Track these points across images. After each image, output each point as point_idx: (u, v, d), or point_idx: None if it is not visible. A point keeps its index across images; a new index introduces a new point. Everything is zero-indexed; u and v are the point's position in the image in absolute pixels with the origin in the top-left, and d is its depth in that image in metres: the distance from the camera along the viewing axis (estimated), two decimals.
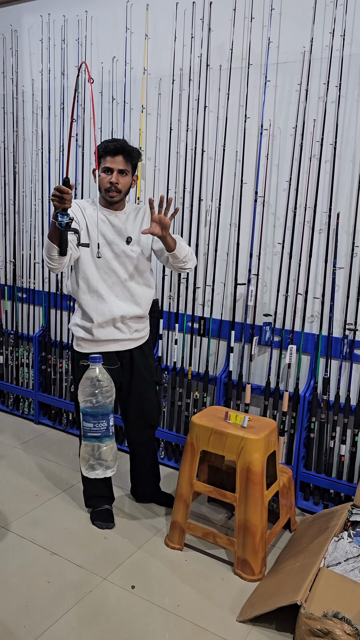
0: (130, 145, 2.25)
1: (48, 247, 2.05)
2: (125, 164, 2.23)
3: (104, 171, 2.23)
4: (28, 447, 3.24)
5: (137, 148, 2.32)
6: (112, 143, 2.21)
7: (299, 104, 2.54)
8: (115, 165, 2.20)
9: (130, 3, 2.92)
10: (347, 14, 2.37)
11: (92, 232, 2.24)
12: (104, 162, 2.22)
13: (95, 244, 2.23)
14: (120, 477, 2.84)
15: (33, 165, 3.45)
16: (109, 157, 2.20)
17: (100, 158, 2.24)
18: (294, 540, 2.39)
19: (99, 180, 2.26)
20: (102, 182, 2.24)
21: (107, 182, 2.22)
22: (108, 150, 2.20)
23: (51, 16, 3.22)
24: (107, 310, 2.27)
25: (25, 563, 2.21)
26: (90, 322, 2.29)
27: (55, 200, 1.85)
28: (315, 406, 2.62)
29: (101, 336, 2.30)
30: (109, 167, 2.21)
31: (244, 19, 2.62)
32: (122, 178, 2.23)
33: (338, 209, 2.51)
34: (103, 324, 2.29)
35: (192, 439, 2.27)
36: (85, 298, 2.28)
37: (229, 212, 2.80)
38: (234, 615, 1.97)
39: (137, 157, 2.28)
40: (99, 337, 2.30)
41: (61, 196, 1.83)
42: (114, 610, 1.98)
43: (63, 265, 2.15)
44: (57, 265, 2.12)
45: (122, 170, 2.22)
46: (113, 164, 2.20)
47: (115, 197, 2.24)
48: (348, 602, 1.80)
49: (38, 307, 3.58)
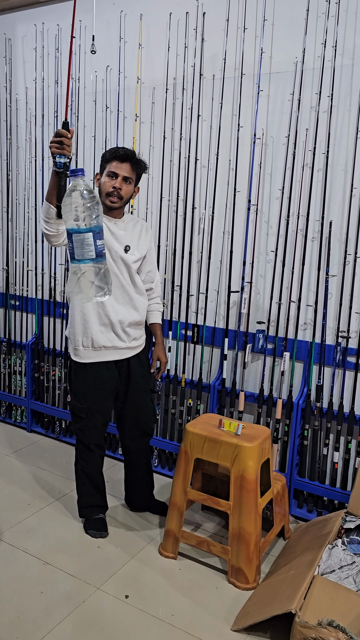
0: (139, 157, 2.26)
1: (45, 209, 1.97)
2: (131, 172, 2.23)
3: (108, 175, 2.22)
4: (21, 456, 3.22)
5: (145, 161, 2.31)
6: (122, 149, 2.22)
7: (292, 114, 2.56)
8: (121, 171, 2.21)
9: (124, 13, 2.94)
10: (339, 26, 2.40)
11: None
12: (109, 167, 2.22)
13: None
14: (114, 485, 2.83)
15: (26, 173, 3.46)
16: (116, 162, 2.21)
17: (106, 162, 2.24)
18: (287, 548, 2.38)
19: (101, 184, 2.25)
20: (105, 186, 2.23)
21: (110, 187, 2.21)
22: (117, 155, 2.20)
23: (45, 25, 3.24)
24: (106, 315, 2.27)
25: (18, 573, 2.19)
26: (90, 328, 2.28)
27: (54, 145, 1.78)
28: (309, 413, 2.62)
29: (101, 342, 2.29)
30: (114, 172, 2.21)
31: (236, 29, 2.64)
32: (126, 185, 2.23)
33: (330, 217, 2.53)
34: (102, 328, 2.28)
35: (185, 446, 2.27)
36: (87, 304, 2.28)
37: (222, 220, 2.81)
38: (229, 625, 1.97)
39: (144, 168, 2.30)
40: (99, 343, 2.29)
41: (60, 140, 1.77)
42: (108, 620, 1.96)
43: (59, 234, 2.03)
44: (54, 232, 2.02)
45: (127, 178, 2.22)
46: (119, 169, 2.21)
47: (116, 202, 2.24)
48: (342, 610, 1.80)
49: (31, 314, 3.58)
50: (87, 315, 2.27)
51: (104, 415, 2.41)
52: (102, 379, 2.35)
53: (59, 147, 1.78)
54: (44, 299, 3.47)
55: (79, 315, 2.30)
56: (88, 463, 2.45)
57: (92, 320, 2.27)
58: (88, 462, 2.45)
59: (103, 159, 2.27)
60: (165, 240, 2.97)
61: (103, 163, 2.27)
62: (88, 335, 2.29)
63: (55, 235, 2.04)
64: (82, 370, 2.35)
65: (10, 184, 3.53)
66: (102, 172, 2.26)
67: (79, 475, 2.48)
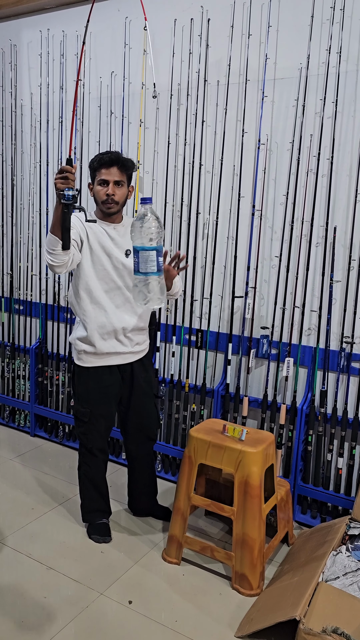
0: (124, 156, 2.27)
1: (52, 242, 2.03)
2: (121, 175, 2.24)
3: (100, 184, 2.24)
4: (24, 460, 3.22)
5: (131, 159, 2.33)
6: (107, 155, 2.23)
7: (296, 119, 2.57)
8: (111, 177, 2.22)
9: (129, 19, 2.95)
10: (343, 32, 2.41)
11: (92, 240, 2.24)
12: (99, 175, 2.23)
13: (96, 256, 2.24)
14: (117, 490, 2.83)
15: (31, 178, 3.47)
16: (104, 169, 2.22)
17: (94, 171, 2.26)
18: (292, 554, 2.37)
19: (95, 193, 2.27)
20: (99, 195, 2.25)
21: (104, 195, 2.23)
22: (103, 162, 2.21)
23: (50, 31, 3.25)
24: (109, 322, 2.27)
25: (21, 578, 2.19)
26: (92, 334, 2.28)
27: (59, 181, 1.87)
28: (313, 419, 2.62)
29: (103, 348, 2.30)
30: (104, 180, 2.22)
31: (241, 35, 2.65)
32: (119, 189, 2.25)
33: (335, 222, 2.53)
34: (105, 335, 2.29)
35: (189, 452, 2.27)
36: (87, 309, 2.28)
37: (226, 225, 2.81)
38: (232, 631, 1.96)
39: (132, 167, 2.30)
40: (102, 350, 2.30)
41: (65, 175, 1.86)
42: (111, 625, 1.96)
43: (65, 264, 2.11)
44: (59, 262, 2.08)
45: (118, 182, 2.24)
46: (108, 175, 2.22)
47: (113, 208, 2.25)
48: (347, 617, 1.79)
49: (35, 319, 3.58)
50: (90, 324, 2.28)
51: (107, 420, 2.41)
52: (104, 384, 2.35)
53: (65, 182, 1.88)
54: (48, 304, 3.47)
55: (81, 323, 2.31)
56: (91, 467, 2.45)
57: (94, 328, 2.28)
58: (91, 467, 2.45)
59: (91, 168, 2.28)
60: (170, 245, 2.97)
61: (92, 172, 2.28)
62: (90, 341, 2.29)
63: (60, 265, 2.11)
64: (85, 375, 2.35)
65: (14, 189, 3.54)
66: (93, 180, 2.28)
67: (82, 480, 2.48)
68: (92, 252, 2.24)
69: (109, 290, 2.28)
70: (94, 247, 2.24)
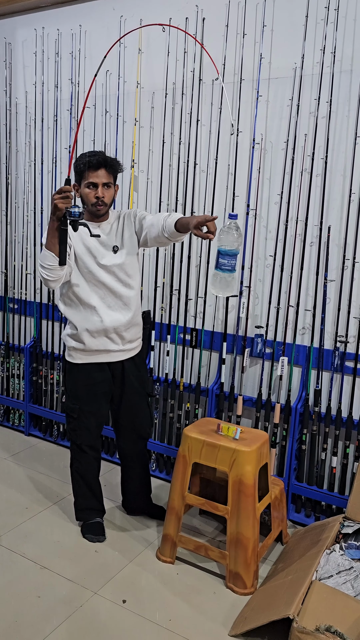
0: (110, 157, 2.26)
1: (49, 258, 2.06)
2: (108, 177, 2.24)
3: (88, 187, 2.23)
4: (18, 459, 3.21)
5: (117, 159, 2.32)
6: (94, 157, 2.20)
7: (291, 119, 2.57)
8: (99, 179, 2.21)
9: (124, 18, 2.95)
10: (338, 32, 2.41)
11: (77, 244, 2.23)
12: (86, 178, 2.22)
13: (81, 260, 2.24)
14: (111, 489, 2.83)
15: (26, 177, 3.46)
16: (91, 172, 2.20)
17: (81, 173, 2.24)
18: (285, 553, 2.38)
19: (83, 195, 2.26)
20: (88, 198, 2.24)
21: (94, 197, 2.22)
22: (90, 165, 2.20)
23: (45, 30, 3.25)
24: (100, 322, 2.27)
25: (15, 577, 2.18)
26: (82, 332, 2.29)
27: (60, 201, 1.93)
28: (307, 418, 2.62)
29: (92, 346, 2.30)
30: (92, 182, 2.21)
31: (236, 35, 2.65)
32: (107, 191, 2.24)
33: (329, 222, 2.54)
34: (94, 333, 2.29)
35: (184, 451, 2.27)
36: (78, 313, 2.29)
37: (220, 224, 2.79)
38: (226, 630, 1.96)
39: (118, 167, 2.30)
40: (91, 347, 2.30)
41: (67, 195, 1.92)
42: (105, 625, 1.96)
43: (60, 278, 2.16)
44: (55, 277, 2.13)
45: (106, 183, 2.23)
46: (96, 178, 2.21)
47: (102, 209, 2.25)
48: (340, 616, 1.79)
49: (29, 317, 3.57)
50: (80, 324, 2.28)
51: (97, 417, 2.41)
52: (94, 381, 2.35)
53: (66, 202, 1.95)
54: (43, 303, 3.47)
55: (70, 322, 2.32)
56: (82, 464, 2.45)
57: (84, 327, 2.28)
58: (82, 463, 2.45)
59: (77, 170, 2.25)
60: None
61: (78, 174, 2.25)
62: (80, 339, 2.30)
63: (56, 280, 2.15)
64: (75, 371, 2.36)
65: (9, 188, 3.53)
66: (79, 182, 2.25)
67: (74, 477, 2.49)
68: (77, 256, 2.24)
69: (98, 290, 2.27)
70: (78, 251, 2.24)
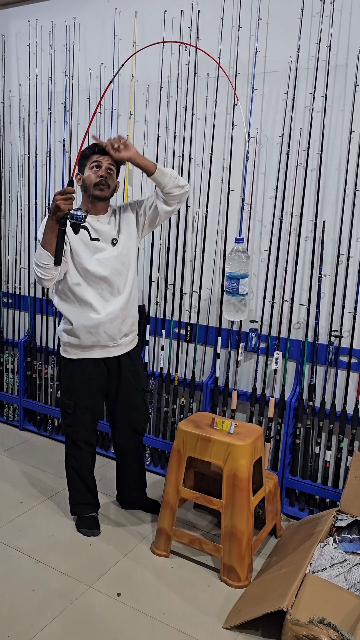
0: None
1: (44, 257, 2.06)
2: (113, 163, 2.24)
3: (92, 168, 2.22)
4: (13, 454, 3.21)
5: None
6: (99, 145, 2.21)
7: (286, 113, 2.56)
8: (104, 161, 2.21)
9: (119, 10, 2.93)
10: (333, 25, 2.41)
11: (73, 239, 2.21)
12: (91, 160, 2.22)
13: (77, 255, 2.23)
14: (106, 483, 2.83)
15: (20, 170, 3.44)
16: (96, 156, 2.21)
17: (86, 158, 2.24)
18: (279, 546, 2.39)
19: (85, 179, 2.24)
20: (91, 178, 2.22)
21: (97, 177, 2.21)
22: (96, 150, 2.20)
23: (39, 22, 3.22)
24: (96, 318, 2.26)
25: (10, 571, 2.18)
26: (78, 328, 2.28)
27: (63, 202, 1.92)
28: (301, 412, 2.63)
29: (88, 341, 2.29)
30: (97, 161, 2.21)
31: (231, 28, 2.64)
32: (110, 175, 2.24)
33: (324, 216, 2.54)
34: (91, 329, 2.28)
35: (178, 445, 2.27)
36: (74, 308, 2.28)
37: (215, 218, 2.81)
38: (220, 622, 1.97)
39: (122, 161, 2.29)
40: (86, 343, 2.29)
41: (70, 196, 1.92)
42: (100, 618, 1.96)
43: (54, 277, 2.16)
44: (49, 276, 2.14)
45: (110, 168, 2.23)
46: (101, 159, 2.21)
47: (105, 191, 2.23)
48: (334, 608, 1.81)
49: (24, 312, 3.56)
50: (77, 318, 2.27)
51: (93, 413, 2.41)
52: (89, 376, 2.35)
53: (68, 203, 1.94)
54: (37, 297, 3.46)
55: (66, 318, 2.31)
56: (77, 459, 2.45)
57: (80, 322, 2.27)
58: (77, 459, 2.45)
59: (82, 157, 2.26)
60: (159, 238, 2.96)
61: (82, 160, 2.26)
62: (75, 334, 2.29)
63: (50, 279, 2.15)
64: (70, 366, 2.36)
65: (3, 181, 3.51)
66: (82, 169, 2.26)
67: (69, 472, 2.49)
68: (74, 251, 2.23)
69: (95, 285, 2.26)
70: (75, 246, 2.23)
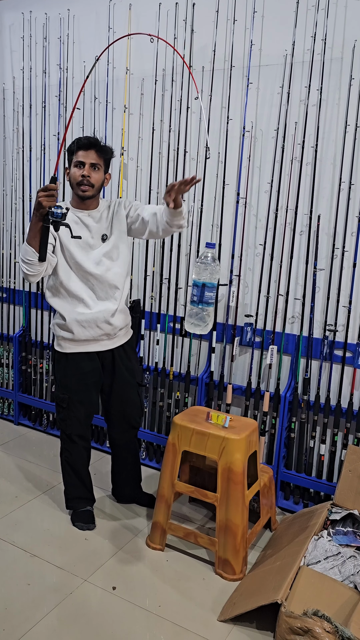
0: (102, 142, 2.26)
1: (29, 253, 2.04)
2: (98, 159, 2.22)
3: (76, 165, 2.22)
4: (8, 448, 3.21)
5: (110, 146, 2.32)
6: (85, 138, 2.22)
7: (281, 107, 2.56)
8: (88, 159, 2.20)
9: (113, 2, 2.91)
10: (328, 19, 2.40)
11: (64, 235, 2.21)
12: (76, 157, 2.22)
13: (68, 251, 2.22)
14: (101, 477, 2.83)
15: (14, 164, 3.42)
16: (81, 151, 2.20)
17: (72, 154, 2.23)
18: (274, 539, 2.40)
19: (70, 176, 2.24)
20: (74, 177, 2.22)
21: (79, 176, 2.21)
22: (80, 144, 2.19)
23: (33, 14, 3.19)
24: (89, 313, 2.26)
25: (5, 565, 2.19)
26: (71, 323, 2.27)
27: (45, 199, 1.88)
28: (296, 406, 2.64)
29: (81, 336, 2.29)
30: (80, 161, 2.20)
31: (226, 21, 2.63)
32: (95, 172, 2.23)
33: (319, 211, 2.54)
34: (84, 323, 2.27)
35: (173, 439, 2.28)
36: (66, 303, 2.27)
37: (210, 213, 2.80)
38: (215, 615, 1.98)
39: (111, 154, 2.29)
40: (80, 337, 2.29)
41: (52, 193, 1.87)
42: (95, 611, 1.97)
43: (40, 273, 2.14)
44: (35, 272, 2.12)
45: (94, 165, 2.22)
46: (85, 157, 2.20)
47: (88, 191, 2.22)
48: (327, 600, 1.82)
49: (18, 306, 3.55)
50: (69, 313, 2.27)
51: (87, 407, 2.41)
52: (83, 370, 2.34)
53: (51, 200, 1.89)
54: (32, 291, 3.45)
55: (58, 312, 2.30)
56: (71, 454, 2.45)
57: (73, 317, 2.26)
58: (71, 453, 2.45)
59: (69, 152, 2.26)
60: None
61: (69, 155, 2.26)
62: (69, 328, 2.28)
63: (36, 275, 2.14)
64: (63, 360, 2.35)
65: None
66: (70, 164, 2.26)
67: (64, 466, 2.49)
68: (64, 248, 2.22)
69: (86, 280, 2.26)
70: (65, 242, 2.22)
